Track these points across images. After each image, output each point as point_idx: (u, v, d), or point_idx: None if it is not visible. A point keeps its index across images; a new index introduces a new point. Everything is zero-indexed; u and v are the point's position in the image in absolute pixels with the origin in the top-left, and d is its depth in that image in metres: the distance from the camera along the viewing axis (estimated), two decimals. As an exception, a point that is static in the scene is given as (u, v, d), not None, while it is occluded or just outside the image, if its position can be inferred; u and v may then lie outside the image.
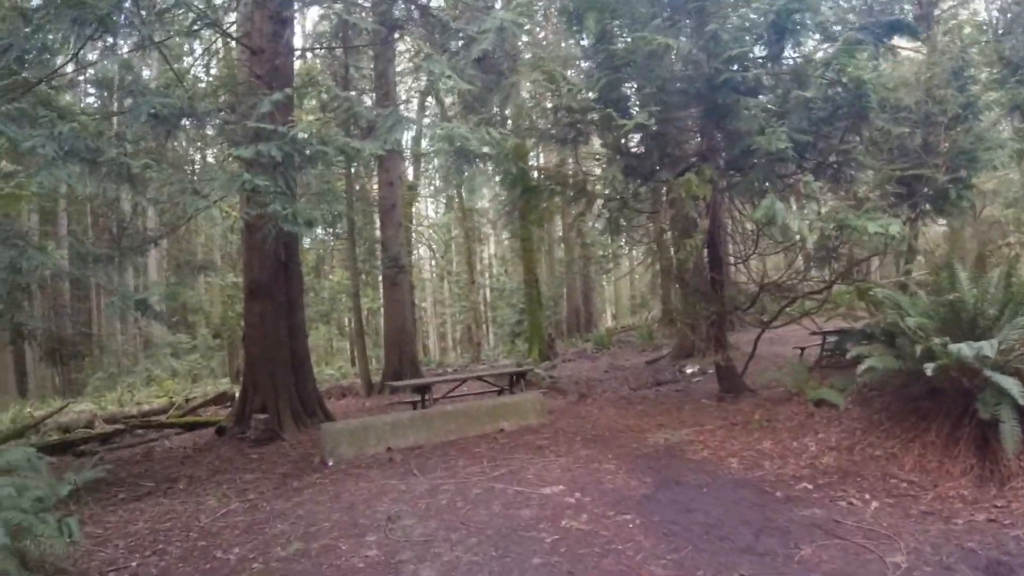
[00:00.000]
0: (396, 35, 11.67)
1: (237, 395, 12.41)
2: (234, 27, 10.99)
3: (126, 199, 9.14)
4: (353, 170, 18.20)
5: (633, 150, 8.08)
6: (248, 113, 6.94)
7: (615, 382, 14.63)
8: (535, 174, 9.28)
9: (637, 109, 7.70)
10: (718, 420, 8.11)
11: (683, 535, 4.54)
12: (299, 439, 9.90)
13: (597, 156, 8.97)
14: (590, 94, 7.53)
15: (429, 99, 24.05)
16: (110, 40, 6.87)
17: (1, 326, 8.40)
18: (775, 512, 5.00)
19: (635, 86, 7.54)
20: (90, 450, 11.20)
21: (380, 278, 20.61)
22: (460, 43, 8.38)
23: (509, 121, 8.58)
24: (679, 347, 17.34)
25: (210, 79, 14.66)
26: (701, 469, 6.21)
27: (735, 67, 7.26)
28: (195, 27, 8.68)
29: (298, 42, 15.71)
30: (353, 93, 12.10)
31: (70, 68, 8.08)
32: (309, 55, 17.69)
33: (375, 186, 21.96)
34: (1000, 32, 14.55)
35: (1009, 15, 14.50)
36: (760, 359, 10.26)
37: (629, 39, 7.38)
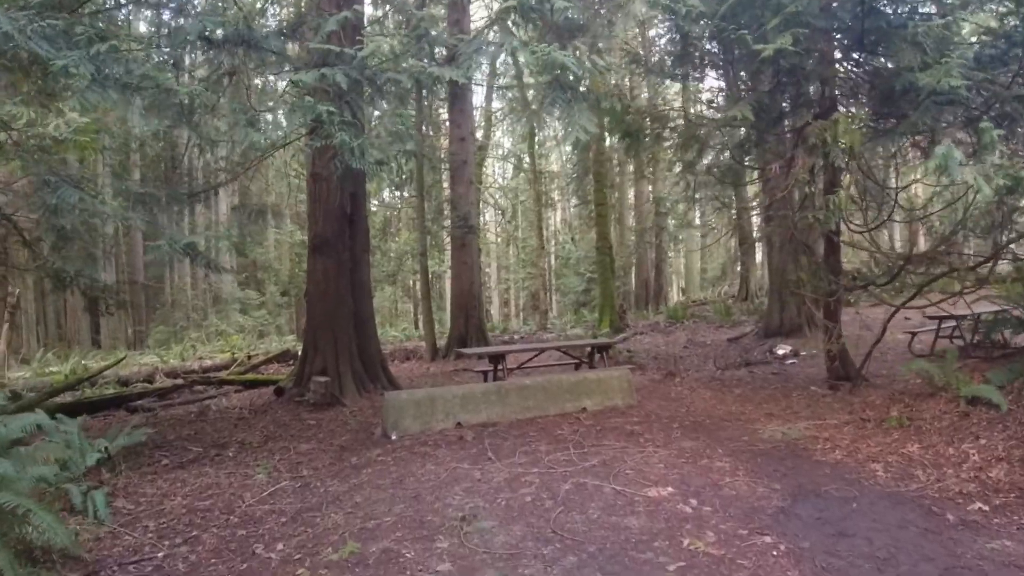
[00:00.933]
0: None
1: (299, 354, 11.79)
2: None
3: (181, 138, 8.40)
4: (424, 127, 17.35)
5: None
6: (311, 36, 6.01)
7: (698, 359, 13.46)
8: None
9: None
10: (841, 414, 6.90)
11: (848, 572, 3.46)
12: (360, 405, 9.16)
13: (711, 96, 7.72)
14: (709, 23, 6.30)
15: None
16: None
17: (45, 272, 7.80)
18: (955, 543, 3.86)
19: (765, 11, 6.22)
20: (145, 406, 10.78)
21: (448, 239, 19.79)
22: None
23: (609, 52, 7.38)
24: (765, 325, 16.00)
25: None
26: (839, 476, 5.07)
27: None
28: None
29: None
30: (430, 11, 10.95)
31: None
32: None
33: (445, 142, 21.08)
34: None
35: None
36: (856, 343, 8.93)
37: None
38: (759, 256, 29.03)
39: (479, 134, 27.65)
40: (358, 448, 6.51)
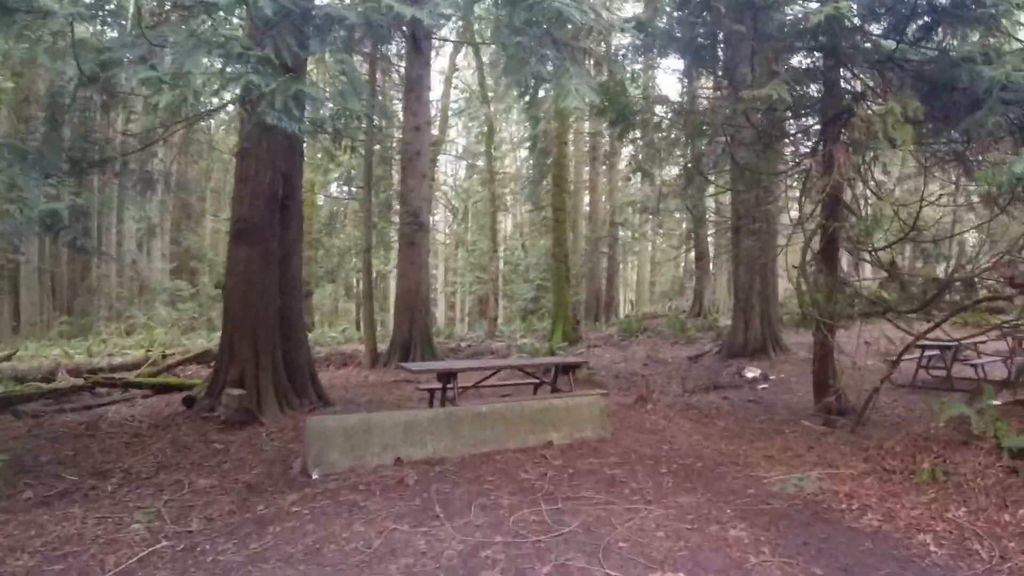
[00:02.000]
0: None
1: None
2: None
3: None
4: (376, 119, 15.92)
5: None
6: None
7: (662, 379, 12.44)
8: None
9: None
10: (854, 460, 5.84)
11: None
12: (281, 424, 7.75)
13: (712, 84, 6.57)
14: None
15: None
16: None
17: None
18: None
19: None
20: (35, 410, 9.15)
21: (396, 237, 18.32)
22: None
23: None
24: (728, 345, 15.17)
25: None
26: (886, 552, 3.95)
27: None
28: None
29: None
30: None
31: None
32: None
33: (399, 135, 19.66)
34: None
35: None
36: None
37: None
38: (715, 271, 28.51)
39: (434, 130, 26.32)
40: (269, 490, 5.12)
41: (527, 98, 16.85)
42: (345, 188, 26.40)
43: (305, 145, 10.19)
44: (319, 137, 5.73)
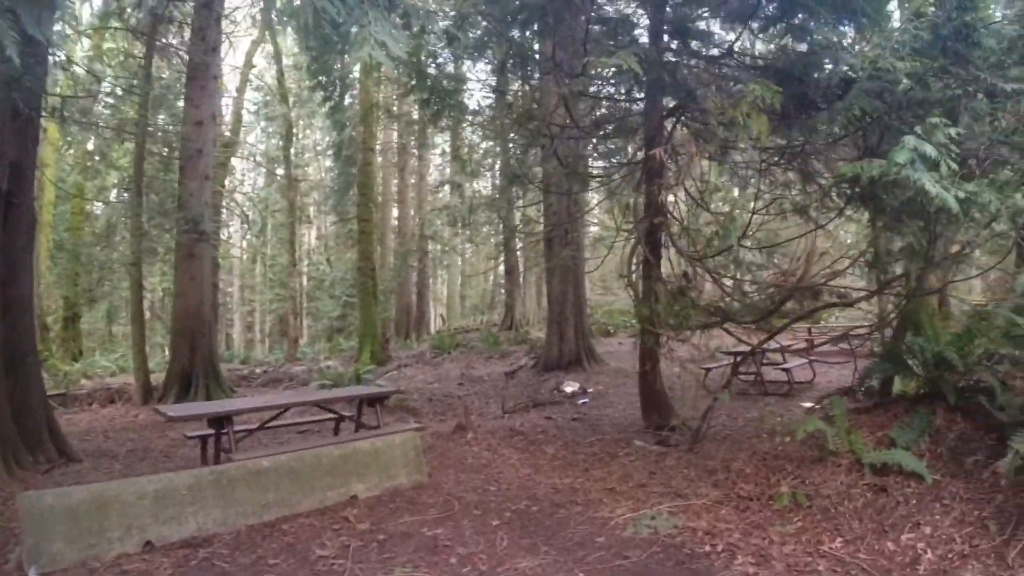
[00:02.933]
0: None
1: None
2: None
3: None
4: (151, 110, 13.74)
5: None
6: None
7: (479, 399, 11.66)
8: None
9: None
10: (703, 486, 5.28)
11: None
12: (7, 492, 5.78)
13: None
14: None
15: None
16: None
17: None
18: None
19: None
20: None
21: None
22: None
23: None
24: (544, 358, 14.80)
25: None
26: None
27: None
28: None
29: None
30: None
31: None
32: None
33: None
34: None
35: None
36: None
37: None
38: (525, 284, 28.53)
39: (227, 132, 23.76)
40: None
41: (325, 79, 15.31)
42: (126, 194, 23.01)
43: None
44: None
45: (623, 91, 6.41)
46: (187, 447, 7.55)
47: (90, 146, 22.34)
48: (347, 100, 18.88)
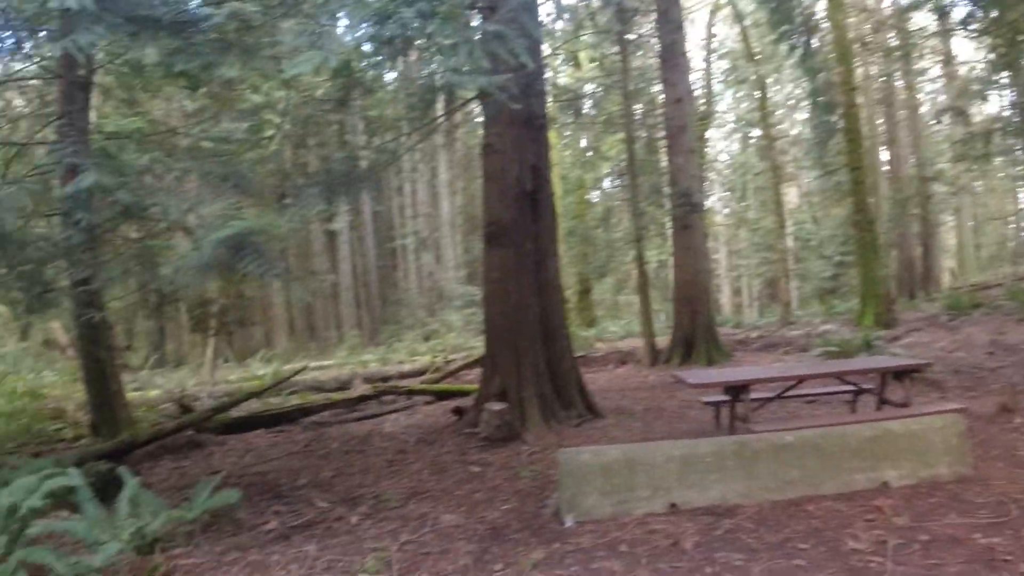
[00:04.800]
0: None
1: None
2: None
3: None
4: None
5: None
6: None
7: (1018, 373, 9.37)
8: None
9: None
10: None
11: None
12: (546, 442, 6.92)
13: None
14: None
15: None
16: None
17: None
18: None
19: None
20: (321, 421, 9.63)
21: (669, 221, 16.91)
22: None
23: None
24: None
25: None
26: None
27: None
28: None
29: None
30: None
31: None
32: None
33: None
34: None
35: None
36: None
37: None
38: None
39: (701, 105, 24.43)
40: (514, 538, 4.22)
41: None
42: (618, 182, 25.81)
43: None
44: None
45: None
46: (696, 410, 7.86)
47: (583, 143, 25.88)
48: (813, 44, 17.43)
